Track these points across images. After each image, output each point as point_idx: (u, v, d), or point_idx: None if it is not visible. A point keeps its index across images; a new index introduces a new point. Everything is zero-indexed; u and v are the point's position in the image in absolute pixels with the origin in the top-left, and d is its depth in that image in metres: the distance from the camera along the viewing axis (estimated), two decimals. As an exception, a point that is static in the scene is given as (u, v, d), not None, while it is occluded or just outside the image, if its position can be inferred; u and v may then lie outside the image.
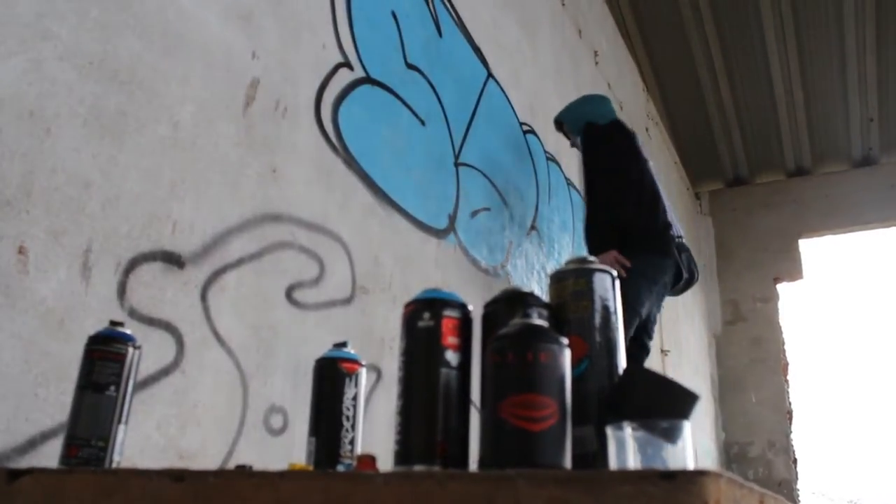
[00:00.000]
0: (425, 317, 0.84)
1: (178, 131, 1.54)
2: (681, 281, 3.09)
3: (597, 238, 2.98)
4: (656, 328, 5.34)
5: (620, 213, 2.95)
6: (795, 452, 7.06)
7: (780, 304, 7.44)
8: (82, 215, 1.31)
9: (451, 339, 0.83)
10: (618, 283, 0.97)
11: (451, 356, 0.83)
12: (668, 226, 3.04)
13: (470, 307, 0.88)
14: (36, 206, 1.23)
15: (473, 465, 0.81)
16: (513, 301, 0.89)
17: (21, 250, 1.20)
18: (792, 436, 7.08)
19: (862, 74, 6.07)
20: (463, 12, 2.96)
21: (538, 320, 0.80)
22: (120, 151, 1.40)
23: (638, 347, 3.09)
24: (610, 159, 3.07)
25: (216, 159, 1.63)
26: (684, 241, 3.13)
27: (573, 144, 3.49)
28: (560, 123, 3.48)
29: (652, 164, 3.20)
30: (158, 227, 1.46)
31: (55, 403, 1.19)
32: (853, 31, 5.60)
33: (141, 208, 1.43)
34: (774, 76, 6.11)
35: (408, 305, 0.87)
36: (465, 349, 0.85)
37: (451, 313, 0.84)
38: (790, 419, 7.14)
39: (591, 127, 3.18)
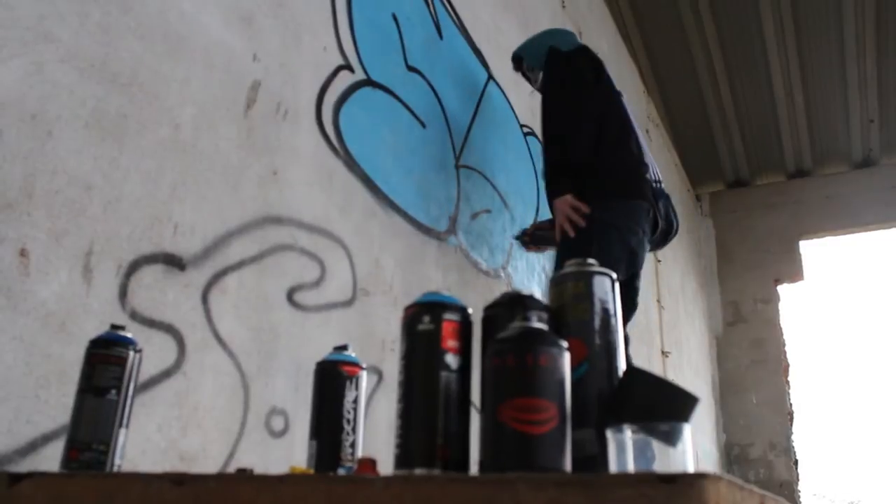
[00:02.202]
0: (425, 320, 0.84)
1: (179, 133, 1.54)
2: (657, 231, 2.59)
3: (551, 182, 2.53)
4: (657, 328, 5.35)
5: (577, 149, 2.45)
6: (796, 454, 7.06)
7: (781, 306, 7.44)
8: (83, 217, 1.31)
9: (451, 343, 0.83)
10: (617, 285, 0.97)
11: (451, 359, 0.83)
12: (643, 165, 2.58)
13: (470, 310, 0.88)
14: (37, 208, 1.23)
15: (474, 468, 0.81)
16: (512, 304, 0.89)
17: (22, 252, 1.20)
18: (793, 437, 7.08)
19: (862, 76, 6.08)
20: (463, 14, 2.97)
21: (538, 323, 0.80)
22: (121, 154, 1.40)
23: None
24: (567, 87, 2.59)
25: (217, 161, 1.63)
26: (663, 186, 2.69)
27: (536, 85, 2.96)
28: (519, 60, 2.99)
29: (626, 98, 2.79)
30: (159, 229, 1.46)
31: (56, 405, 1.20)
32: (853, 32, 5.60)
33: (142, 210, 1.43)
34: (774, 78, 6.12)
35: (408, 309, 0.87)
36: (465, 352, 0.85)
37: (450, 316, 0.84)
38: (791, 420, 7.14)
39: (553, 52, 2.69)
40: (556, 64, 2.66)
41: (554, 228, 2.55)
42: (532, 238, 2.92)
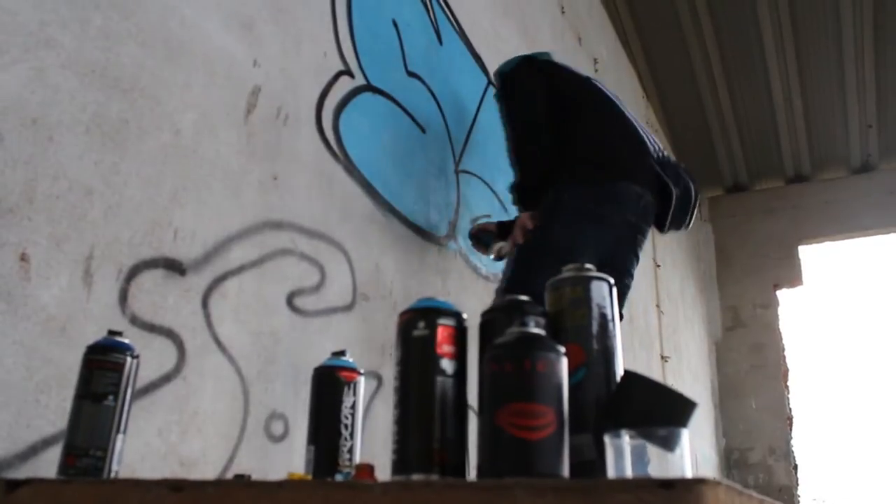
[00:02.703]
0: (420, 326, 0.84)
1: (179, 139, 1.55)
2: (672, 202, 2.31)
3: (516, 202, 2.42)
4: (656, 332, 5.34)
5: (530, 168, 2.33)
6: (796, 458, 7.06)
7: (780, 311, 7.44)
8: (84, 222, 1.31)
9: (446, 348, 0.84)
10: (615, 290, 0.97)
11: (447, 364, 0.83)
12: (633, 143, 2.34)
13: (465, 315, 0.89)
14: (38, 213, 1.24)
15: (472, 473, 0.81)
16: (510, 309, 0.90)
17: (23, 257, 1.20)
18: (792, 442, 7.08)
19: (860, 81, 6.09)
20: (463, 20, 2.97)
21: (535, 329, 0.81)
22: (122, 159, 1.41)
23: None
24: (509, 109, 2.46)
25: (218, 167, 1.63)
26: (667, 155, 2.42)
27: None
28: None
29: (599, 82, 2.57)
30: (160, 234, 1.47)
31: (56, 410, 1.20)
32: (851, 37, 5.62)
33: (142, 215, 1.43)
34: (773, 83, 6.13)
35: (402, 314, 0.87)
36: (460, 357, 0.85)
37: (445, 322, 0.85)
38: (790, 425, 7.14)
39: (498, 78, 2.57)
40: (500, 91, 2.55)
41: (496, 234, 2.53)
42: (473, 237, 2.68)
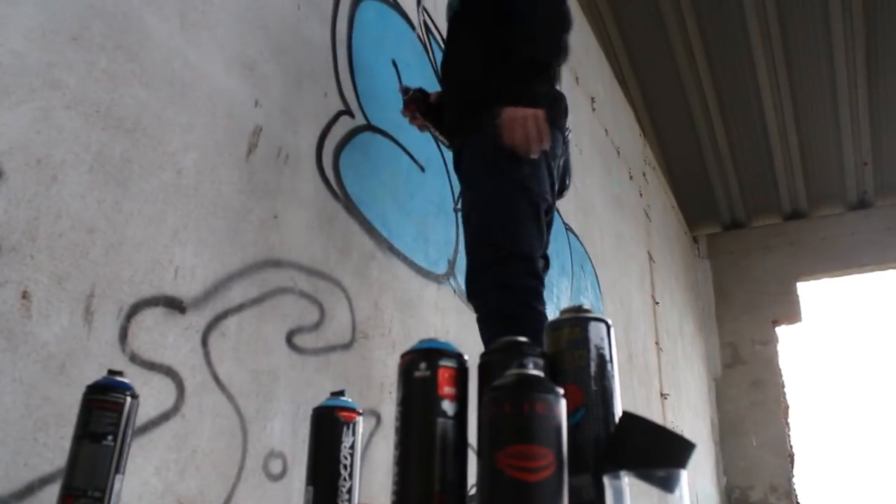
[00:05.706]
0: (421, 367, 0.85)
1: (181, 178, 1.57)
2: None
3: (520, 79, 1.85)
4: (655, 370, 5.32)
5: (559, 44, 1.88)
6: (798, 496, 6.97)
7: (779, 347, 7.43)
8: (86, 260, 1.32)
9: (447, 389, 0.84)
10: (613, 331, 0.98)
11: (448, 406, 0.84)
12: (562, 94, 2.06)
13: (466, 357, 0.89)
14: (40, 251, 1.25)
15: (471, 514, 0.81)
16: (509, 350, 0.90)
17: (24, 295, 1.21)
18: (794, 479, 7.01)
19: (854, 118, 6.17)
20: (462, 60, 3.02)
21: (534, 370, 0.81)
22: (124, 198, 1.42)
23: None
24: None
25: (219, 205, 1.65)
26: (569, 136, 2.17)
27: None
28: None
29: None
30: (161, 272, 1.48)
31: (55, 448, 1.19)
32: (845, 76, 5.70)
33: (144, 254, 1.44)
34: (769, 121, 6.20)
35: (404, 356, 0.88)
36: (461, 399, 0.86)
37: (447, 363, 0.85)
38: (792, 462, 7.07)
39: None
40: None
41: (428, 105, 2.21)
42: (426, 107, 2.25)
